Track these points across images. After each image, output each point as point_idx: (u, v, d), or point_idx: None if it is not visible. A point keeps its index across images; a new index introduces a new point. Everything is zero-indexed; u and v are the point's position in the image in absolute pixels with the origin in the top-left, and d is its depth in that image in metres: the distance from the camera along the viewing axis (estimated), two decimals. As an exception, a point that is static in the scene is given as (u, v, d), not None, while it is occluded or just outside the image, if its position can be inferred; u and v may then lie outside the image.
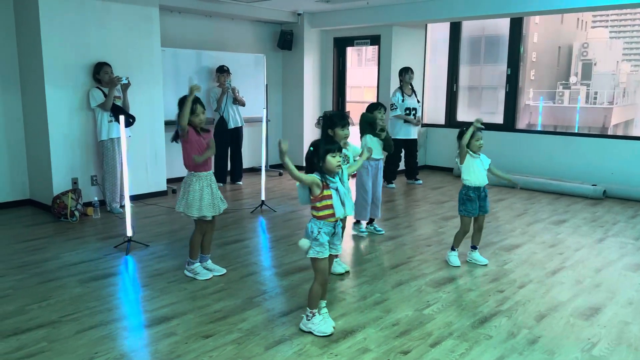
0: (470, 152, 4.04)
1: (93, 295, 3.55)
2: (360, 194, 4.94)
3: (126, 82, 5.58)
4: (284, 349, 2.85)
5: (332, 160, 2.87)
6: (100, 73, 5.61)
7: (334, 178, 2.92)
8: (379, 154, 4.87)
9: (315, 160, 2.89)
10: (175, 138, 3.92)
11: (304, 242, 2.94)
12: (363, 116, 4.82)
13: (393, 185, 7.29)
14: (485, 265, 4.15)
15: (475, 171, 4.04)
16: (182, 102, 3.83)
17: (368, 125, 4.73)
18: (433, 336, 3.00)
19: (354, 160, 3.82)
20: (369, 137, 4.72)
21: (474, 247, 4.24)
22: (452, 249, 4.22)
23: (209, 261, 4.03)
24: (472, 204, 4.08)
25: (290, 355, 2.78)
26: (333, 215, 2.90)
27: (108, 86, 5.55)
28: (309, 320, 3.02)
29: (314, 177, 2.87)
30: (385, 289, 3.70)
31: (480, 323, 3.17)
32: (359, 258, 4.44)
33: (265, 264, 4.27)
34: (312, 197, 2.92)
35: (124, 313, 3.32)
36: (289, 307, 3.39)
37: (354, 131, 4.14)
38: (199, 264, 3.94)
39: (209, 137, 4.01)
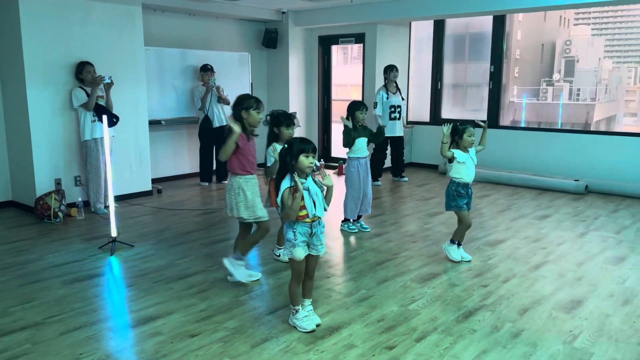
0: (457, 152, 4.04)
1: (77, 297, 3.53)
2: (349, 191, 4.96)
3: (109, 81, 5.54)
4: (270, 347, 2.85)
5: (305, 160, 2.86)
6: (83, 72, 5.56)
7: (305, 178, 2.91)
8: (365, 151, 4.92)
9: (288, 158, 2.89)
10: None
11: (297, 253, 2.94)
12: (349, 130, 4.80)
13: (379, 183, 7.32)
14: (469, 261, 4.19)
15: (465, 168, 4.06)
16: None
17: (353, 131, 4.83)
18: (418, 331, 3.03)
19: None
20: (360, 139, 4.87)
21: (458, 243, 4.26)
22: (452, 242, 4.23)
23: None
24: (462, 199, 4.10)
25: (276, 353, 2.79)
26: (307, 216, 2.91)
27: (91, 86, 5.51)
28: (294, 315, 3.05)
29: (285, 192, 2.84)
30: (371, 285, 3.72)
31: (464, 317, 3.21)
32: (345, 255, 4.47)
33: (251, 263, 4.27)
34: None
35: (109, 314, 3.31)
36: (275, 305, 3.40)
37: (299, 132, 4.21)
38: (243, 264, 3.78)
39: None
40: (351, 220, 5.07)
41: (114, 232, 4.48)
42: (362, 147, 4.91)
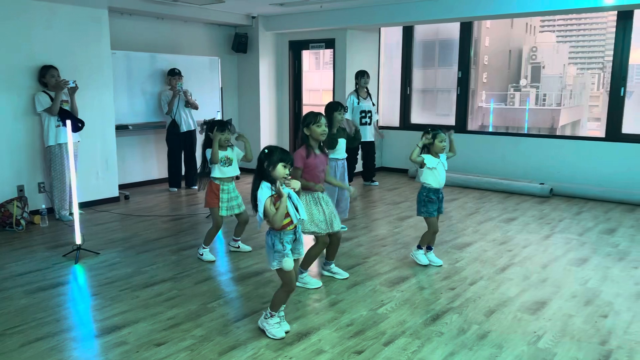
0: (427, 157, 4.05)
1: (40, 306, 3.43)
2: None
3: (73, 85, 5.43)
4: (238, 354, 2.83)
5: (282, 170, 2.85)
6: (47, 76, 5.44)
7: (275, 186, 2.88)
8: (343, 153, 4.90)
9: (266, 164, 2.88)
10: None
11: (287, 264, 2.92)
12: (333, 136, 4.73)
13: (351, 188, 7.33)
14: (440, 265, 4.23)
15: (435, 174, 4.07)
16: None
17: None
18: (386, 335, 3.05)
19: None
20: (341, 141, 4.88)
21: (429, 248, 4.29)
22: (419, 247, 4.25)
23: (333, 265, 4.02)
24: (433, 205, 4.11)
25: (244, 360, 2.77)
26: (291, 222, 2.91)
27: (54, 90, 5.39)
28: (266, 319, 3.03)
29: (267, 202, 2.83)
30: (340, 290, 3.73)
31: (432, 320, 3.24)
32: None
33: (220, 269, 4.23)
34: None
35: (73, 323, 3.23)
36: (244, 311, 3.37)
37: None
38: (306, 274, 3.83)
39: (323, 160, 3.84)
40: None
41: (78, 240, 4.39)
42: (341, 148, 4.87)
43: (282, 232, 2.90)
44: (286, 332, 3.03)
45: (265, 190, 2.85)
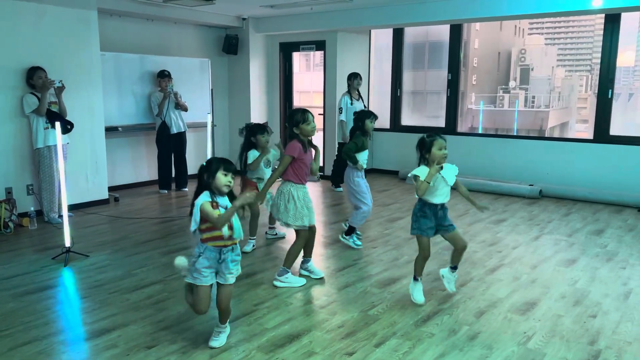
0: (422, 170, 3.41)
1: (28, 310, 3.40)
2: (357, 197, 4.65)
3: (59, 85, 5.38)
4: (229, 357, 2.82)
5: (222, 178, 2.74)
6: (34, 78, 5.39)
7: (222, 196, 2.79)
8: (365, 163, 4.70)
9: (206, 176, 2.77)
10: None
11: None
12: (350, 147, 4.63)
13: (341, 189, 7.36)
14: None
15: (435, 190, 3.42)
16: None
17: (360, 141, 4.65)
18: (377, 336, 3.05)
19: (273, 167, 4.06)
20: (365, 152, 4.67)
21: (453, 268, 3.64)
22: (415, 278, 3.57)
23: (310, 262, 4.04)
24: (427, 221, 3.42)
25: (235, 362, 2.76)
26: (220, 238, 2.75)
27: (42, 91, 5.34)
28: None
29: (207, 205, 2.73)
30: (332, 292, 3.73)
31: (423, 322, 3.25)
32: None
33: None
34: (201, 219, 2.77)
35: (62, 327, 3.20)
36: (235, 314, 3.35)
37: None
38: (289, 272, 3.85)
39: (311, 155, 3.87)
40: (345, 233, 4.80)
41: (68, 242, 4.35)
42: (364, 160, 4.66)
43: (206, 245, 2.77)
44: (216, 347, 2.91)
45: (202, 197, 2.74)
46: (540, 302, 3.57)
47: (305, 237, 3.84)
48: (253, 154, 4.55)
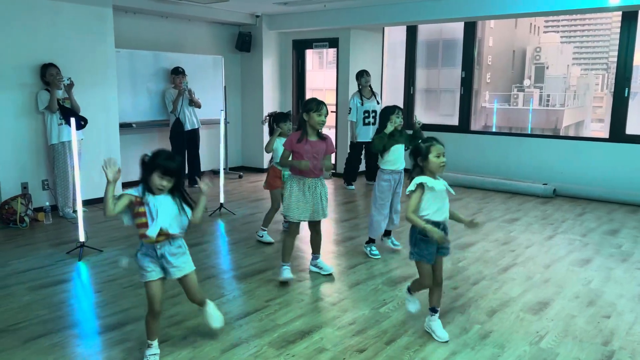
0: (423, 179, 2.87)
1: (43, 303, 3.45)
2: (376, 207, 4.38)
3: (67, 82, 5.42)
4: (240, 352, 2.84)
5: (156, 180, 2.58)
6: (47, 75, 5.45)
7: (154, 195, 2.61)
8: (401, 162, 4.31)
9: (147, 170, 2.63)
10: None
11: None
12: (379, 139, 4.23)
13: (353, 187, 7.35)
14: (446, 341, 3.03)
15: (435, 204, 2.89)
16: None
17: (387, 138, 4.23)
18: (388, 334, 3.05)
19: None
20: (396, 147, 4.26)
21: (432, 310, 3.05)
22: (433, 311, 3.06)
23: (319, 259, 4.07)
24: (429, 247, 2.90)
25: (247, 358, 2.78)
26: (146, 236, 2.59)
27: (52, 88, 5.41)
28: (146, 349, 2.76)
29: (128, 196, 2.60)
30: (343, 289, 3.73)
31: (434, 320, 3.23)
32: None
33: (223, 267, 4.24)
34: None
35: (76, 320, 3.24)
36: (246, 309, 3.38)
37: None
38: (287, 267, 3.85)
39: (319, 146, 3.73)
40: (376, 239, 4.52)
41: (82, 237, 4.40)
42: (399, 157, 4.25)
43: (141, 241, 2.65)
44: None
45: (130, 190, 2.64)
46: (553, 301, 3.54)
47: (295, 232, 3.82)
48: (279, 142, 4.55)
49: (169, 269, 2.70)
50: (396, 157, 4.25)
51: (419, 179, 2.87)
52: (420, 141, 3.01)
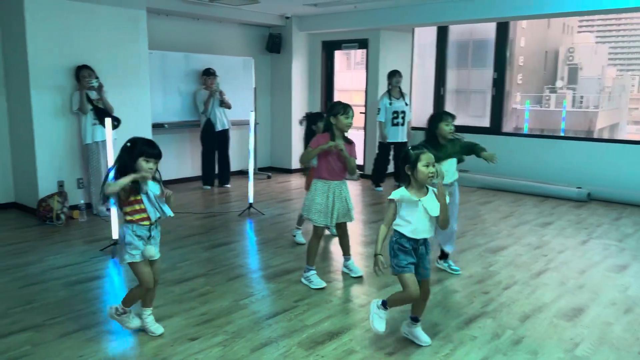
0: (400, 192, 2.80)
1: (78, 299, 3.53)
2: (455, 219, 4.03)
3: (96, 84, 5.52)
4: (270, 351, 2.85)
5: (144, 164, 2.75)
6: (79, 76, 5.58)
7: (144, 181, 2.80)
8: (453, 174, 3.93)
9: (128, 158, 2.77)
10: None
11: (148, 251, 2.92)
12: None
13: (381, 189, 7.32)
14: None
15: (411, 224, 2.78)
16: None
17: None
18: (418, 337, 3.02)
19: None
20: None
21: (414, 319, 2.95)
22: (384, 306, 2.92)
23: (350, 260, 4.07)
24: (408, 257, 2.79)
25: (276, 357, 2.79)
26: (147, 219, 2.85)
27: (86, 89, 5.54)
28: (118, 315, 3.01)
29: (124, 182, 2.72)
30: (372, 291, 3.72)
31: (465, 324, 3.19)
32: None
33: (252, 267, 4.27)
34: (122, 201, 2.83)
35: (109, 316, 3.30)
36: (275, 309, 3.39)
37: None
38: (313, 272, 3.84)
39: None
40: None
41: (115, 235, 4.49)
42: (450, 169, 3.86)
43: (136, 225, 2.84)
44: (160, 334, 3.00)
45: (120, 180, 2.73)
46: (588, 308, 3.45)
47: (318, 236, 3.81)
48: None
49: (151, 252, 2.94)
50: (446, 170, 3.82)
51: (396, 193, 2.80)
52: (410, 148, 2.85)
